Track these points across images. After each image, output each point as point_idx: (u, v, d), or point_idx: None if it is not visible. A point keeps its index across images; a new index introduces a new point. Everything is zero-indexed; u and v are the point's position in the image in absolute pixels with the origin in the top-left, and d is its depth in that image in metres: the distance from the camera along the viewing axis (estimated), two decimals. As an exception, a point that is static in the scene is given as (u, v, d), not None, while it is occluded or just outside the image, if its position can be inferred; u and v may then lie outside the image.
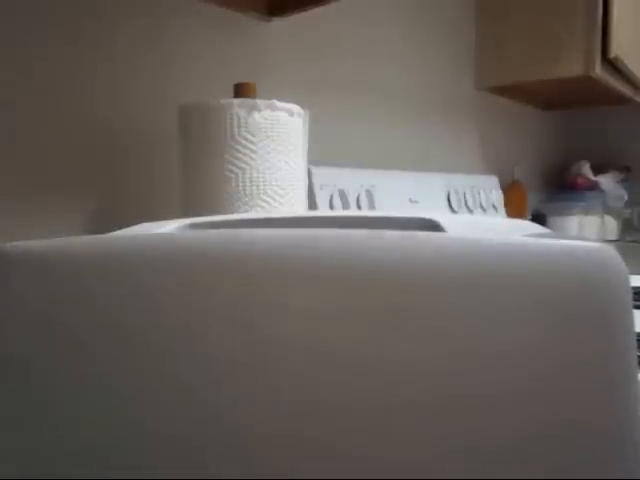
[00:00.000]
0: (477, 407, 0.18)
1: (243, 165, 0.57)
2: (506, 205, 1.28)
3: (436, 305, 0.19)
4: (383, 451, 0.19)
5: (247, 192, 0.57)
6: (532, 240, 0.19)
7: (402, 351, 0.19)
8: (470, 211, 1.16)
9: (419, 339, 0.19)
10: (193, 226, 0.30)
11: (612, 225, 1.52)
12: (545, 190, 1.64)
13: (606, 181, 1.53)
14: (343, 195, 0.90)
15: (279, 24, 0.85)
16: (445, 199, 1.11)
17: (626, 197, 1.54)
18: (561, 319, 0.18)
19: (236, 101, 0.58)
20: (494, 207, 1.23)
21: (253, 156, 0.57)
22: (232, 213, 0.57)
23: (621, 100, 1.52)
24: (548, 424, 0.18)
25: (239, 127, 0.57)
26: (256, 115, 0.57)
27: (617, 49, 1.19)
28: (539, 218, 1.42)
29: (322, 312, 0.19)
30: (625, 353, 0.19)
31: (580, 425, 0.18)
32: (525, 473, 0.18)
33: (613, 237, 1.51)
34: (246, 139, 0.57)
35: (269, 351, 0.19)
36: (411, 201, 1.02)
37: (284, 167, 0.59)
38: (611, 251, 0.19)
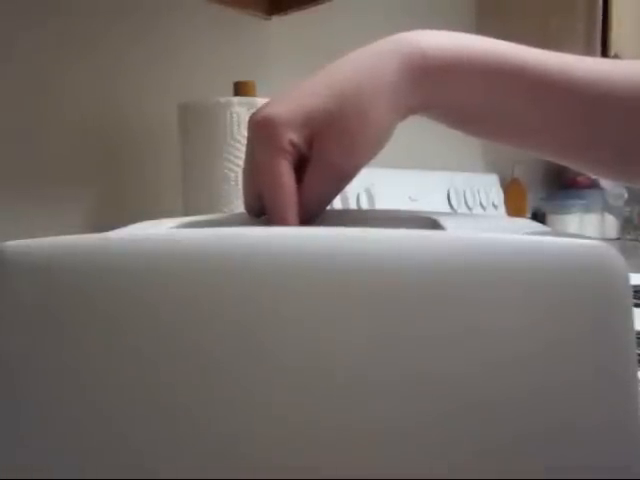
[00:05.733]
0: (476, 406, 0.18)
1: (242, 163, 0.57)
2: (506, 203, 1.28)
3: (435, 304, 0.19)
4: (385, 460, 0.19)
5: (246, 191, 0.57)
6: (532, 238, 0.19)
7: (402, 349, 0.19)
8: (470, 209, 1.16)
9: (417, 338, 0.19)
10: (191, 224, 0.30)
11: (612, 223, 1.52)
12: (545, 188, 1.63)
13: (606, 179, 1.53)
14: (343, 194, 0.89)
15: (278, 22, 0.85)
16: (445, 197, 1.11)
17: (626, 195, 1.54)
18: (561, 317, 0.18)
19: (235, 99, 0.58)
20: (494, 205, 1.23)
21: (252, 155, 0.57)
22: (231, 211, 0.57)
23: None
24: (548, 423, 0.18)
25: (238, 125, 0.57)
26: (255, 113, 0.57)
27: (617, 47, 1.19)
28: (539, 216, 1.42)
29: (320, 312, 0.19)
30: (625, 352, 0.18)
31: (580, 424, 0.18)
32: (525, 472, 0.18)
33: (613, 235, 1.51)
34: (245, 137, 0.57)
35: (266, 353, 0.19)
36: (411, 199, 1.02)
37: (283, 166, 0.59)
38: (611, 249, 0.19)
